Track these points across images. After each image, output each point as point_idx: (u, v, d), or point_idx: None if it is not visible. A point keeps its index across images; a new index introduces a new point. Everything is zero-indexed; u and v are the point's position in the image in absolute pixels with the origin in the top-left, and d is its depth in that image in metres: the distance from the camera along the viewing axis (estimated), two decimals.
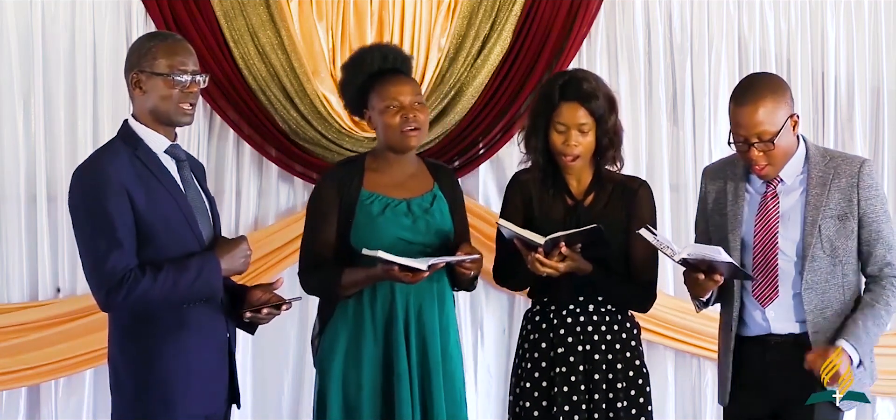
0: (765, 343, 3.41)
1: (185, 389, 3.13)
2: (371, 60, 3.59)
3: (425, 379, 3.49)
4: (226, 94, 4.79)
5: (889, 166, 5.13)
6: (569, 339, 3.50)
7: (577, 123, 3.46)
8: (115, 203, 3.04)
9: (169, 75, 3.13)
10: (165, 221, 3.11)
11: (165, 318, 3.11)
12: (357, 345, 3.49)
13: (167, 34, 3.32)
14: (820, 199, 3.35)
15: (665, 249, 3.29)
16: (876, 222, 3.37)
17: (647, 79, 4.99)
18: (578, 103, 3.46)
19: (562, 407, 3.47)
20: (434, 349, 3.50)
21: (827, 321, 3.36)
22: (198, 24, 4.74)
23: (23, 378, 4.75)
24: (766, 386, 3.40)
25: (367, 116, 3.60)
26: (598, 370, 3.50)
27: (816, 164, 3.39)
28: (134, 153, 3.13)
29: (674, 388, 5.07)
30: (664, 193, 4.98)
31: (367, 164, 3.59)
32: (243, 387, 4.86)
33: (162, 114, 3.17)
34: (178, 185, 3.18)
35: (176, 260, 3.09)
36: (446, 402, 3.51)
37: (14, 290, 4.79)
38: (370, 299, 3.49)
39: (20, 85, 4.76)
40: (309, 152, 4.81)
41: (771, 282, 3.38)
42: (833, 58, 5.05)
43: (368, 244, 3.41)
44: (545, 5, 4.85)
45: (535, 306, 3.60)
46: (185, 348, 3.13)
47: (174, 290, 3.07)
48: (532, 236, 3.38)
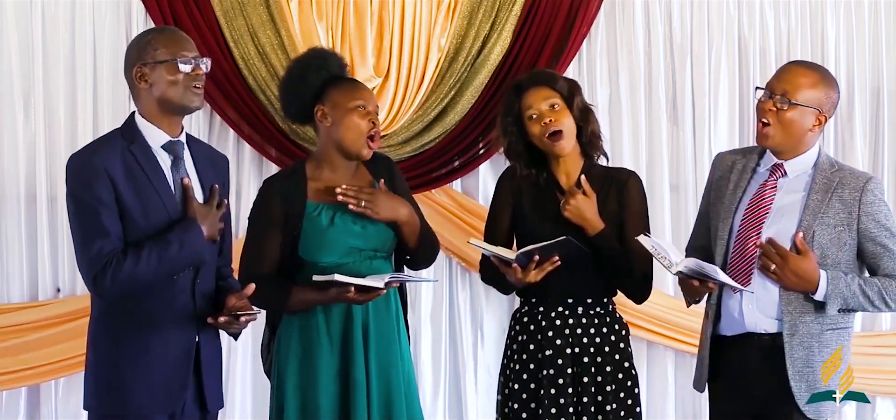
0: (743, 344, 3.40)
1: (139, 389, 3.13)
2: (334, 62, 3.51)
3: (385, 384, 3.41)
4: (226, 94, 4.79)
5: (889, 166, 5.12)
6: (557, 342, 3.50)
7: (546, 101, 3.48)
8: (99, 191, 3.07)
9: (172, 61, 3.15)
10: (146, 216, 3.11)
11: (134, 316, 3.13)
12: (311, 353, 3.40)
13: (163, 27, 3.32)
14: (819, 205, 3.34)
15: (662, 259, 3.28)
16: (880, 237, 3.34)
17: (647, 79, 4.99)
18: (539, 85, 3.51)
19: (548, 409, 3.46)
20: (394, 353, 3.44)
21: (805, 326, 3.34)
22: (198, 24, 4.74)
23: (23, 378, 4.75)
24: (747, 389, 3.40)
25: (320, 118, 3.45)
26: (586, 373, 3.49)
27: (823, 170, 3.37)
28: (128, 147, 3.14)
29: (674, 388, 5.07)
30: (664, 193, 4.98)
31: (308, 172, 3.47)
32: (243, 387, 4.90)
33: (172, 101, 3.17)
34: (167, 183, 3.17)
35: (156, 236, 3.11)
36: (406, 405, 3.45)
37: (14, 290, 4.79)
38: (324, 307, 3.39)
39: (20, 85, 4.76)
40: (308, 152, 4.79)
41: (746, 269, 3.36)
42: (833, 58, 5.05)
43: (319, 255, 3.38)
44: (545, 5, 4.85)
45: (523, 307, 3.60)
46: (147, 350, 3.13)
47: (160, 265, 3.09)
48: (503, 253, 3.40)
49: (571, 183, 3.53)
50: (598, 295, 3.53)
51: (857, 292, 3.33)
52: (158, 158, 3.18)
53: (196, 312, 3.20)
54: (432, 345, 4.98)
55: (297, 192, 3.42)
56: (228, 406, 4.88)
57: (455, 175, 4.92)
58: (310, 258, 3.40)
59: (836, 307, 3.33)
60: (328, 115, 3.44)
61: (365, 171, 3.52)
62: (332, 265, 3.38)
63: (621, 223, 3.52)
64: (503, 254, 3.39)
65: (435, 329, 4.97)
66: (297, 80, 3.49)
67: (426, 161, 4.85)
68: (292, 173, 3.49)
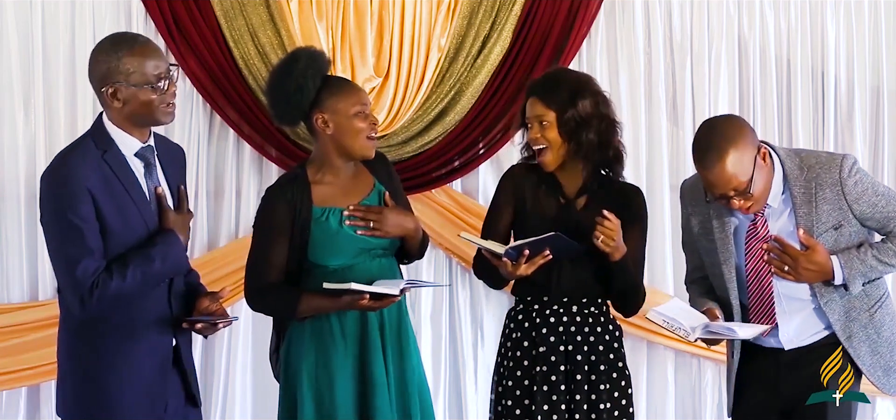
0: (777, 352, 3.37)
1: (122, 399, 3.11)
2: (322, 63, 3.45)
3: (401, 384, 3.42)
4: (226, 94, 4.79)
5: (889, 166, 5.12)
6: (551, 339, 3.50)
7: (535, 115, 3.49)
8: (82, 209, 3.03)
9: (147, 85, 3.10)
10: (127, 229, 3.09)
11: (113, 325, 3.10)
12: (327, 355, 3.39)
13: (131, 39, 3.19)
14: (809, 217, 3.27)
15: (677, 331, 3.23)
16: (879, 211, 3.29)
17: (647, 79, 4.99)
18: (535, 97, 3.50)
19: (541, 406, 3.46)
20: (409, 353, 3.45)
21: (856, 322, 3.32)
22: (198, 24, 4.74)
23: (23, 378, 4.75)
24: (777, 386, 3.37)
25: (320, 125, 3.41)
26: (580, 371, 3.49)
27: (796, 180, 3.29)
28: (103, 156, 3.10)
29: (674, 388, 5.07)
30: (664, 193, 4.98)
31: (310, 176, 3.45)
32: (243, 387, 4.91)
33: (145, 118, 3.14)
34: (143, 193, 3.14)
35: (139, 250, 3.08)
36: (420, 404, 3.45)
37: (14, 290, 4.79)
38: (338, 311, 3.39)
39: (20, 85, 4.76)
40: (309, 152, 4.79)
41: (767, 308, 3.33)
42: (833, 58, 5.05)
43: (330, 259, 3.38)
44: (545, 5, 4.85)
45: (518, 305, 3.60)
46: (128, 359, 3.12)
47: (144, 281, 3.08)
48: (494, 246, 3.40)
49: (573, 189, 3.53)
50: (593, 294, 3.54)
51: (871, 262, 3.28)
52: (132, 166, 3.14)
53: (173, 316, 3.19)
54: (432, 345, 4.98)
55: (303, 199, 3.41)
56: (228, 406, 4.89)
57: (455, 175, 4.92)
58: (320, 262, 3.40)
59: (859, 285, 3.29)
60: (329, 122, 3.41)
61: (365, 170, 3.52)
62: (341, 267, 3.38)
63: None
64: (493, 248, 3.40)
65: (435, 329, 4.97)
66: (295, 91, 3.40)
67: (426, 161, 4.85)
68: (294, 179, 3.46)
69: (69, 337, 3.17)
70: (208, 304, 3.20)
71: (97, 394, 3.12)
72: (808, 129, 5.04)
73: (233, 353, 4.87)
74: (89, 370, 3.12)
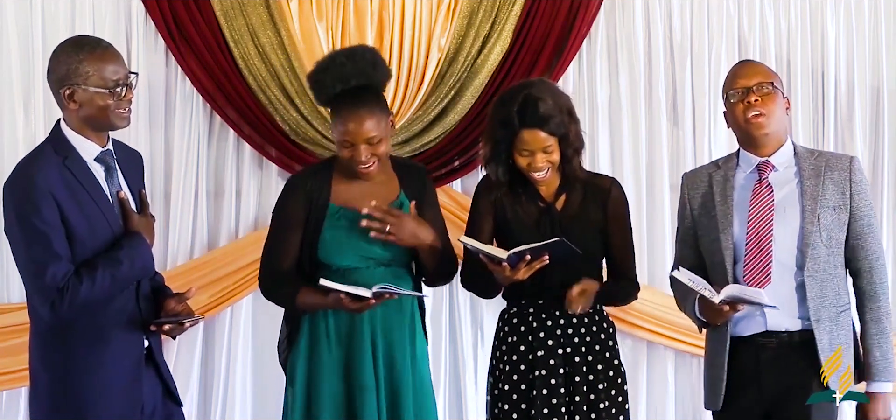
0: (758, 343, 3.41)
1: (98, 402, 3.11)
2: (330, 83, 3.42)
3: (392, 388, 3.43)
4: (226, 94, 4.79)
5: (889, 166, 5.12)
6: (549, 342, 3.51)
7: (540, 147, 3.45)
8: (47, 214, 3.03)
9: (104, 89, 3.10)
10: (93, 234, 3.09)
11: (84, 330, 3.10)
12: (316, 352, 3.43)
13: (94, 42, 3.18)
14: (816, 189, 3.39)
15: (703, 291, 3.29)
16: (867, 216, 3.43)
17: (647, 79, 4.99)
18: (538, 128, 3.44)
19: (541, 410, 3.46)
20: (402, 358, 3.45)
21: (826, 310, 3.38)
22: (198, 24, 4.74)
23: (23, 378, 4.72)
24: (760, 385, 3.40)
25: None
26: (578, 372, 3.50)
27: (805, 158, 3.45)
28: (63, 162, 3.09)
29: (674, 388, 5.07)
30: (664, 193, 4.98)
31: (336, 170, 3.48)
32: (243, 387, 4.90)
33: (100, 122, 3.14)
34: (106, 197, 3.15)
35: (106, 254, 3.09)
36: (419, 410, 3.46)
37: (14, 290, 4.79)
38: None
39: (20, 85, 4.76)
40: (309, 152, 4.80)
41: (764, 267, 3.38)
42: (833, 58, 5.05)
43: (336, 258, 3.40)
44: (545, 5, 4.85)
45: (511, 307, 3.60)
46: (102, 363, 3.11)
47: (114, 284, 3.08)
48: (495, 251, 3.40)
49: (551, 192, 3.54)
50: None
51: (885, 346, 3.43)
52: (93, 171, 3.14)
53: (142, 318, 3.19)
54: (432, 345, 4.94)
55: (322, 192, 3.44)
56: (228, 406, 4.88)
57: (455, 175, 4.92)
58: (326, 259, 3.42)
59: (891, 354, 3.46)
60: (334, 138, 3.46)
61: (393, 175, 3.52)
62: (346, 268, 3.40)
63: (604, 231, 3.55)
64: (495, 253, 3.39)
65: (435, 329, 4.97)
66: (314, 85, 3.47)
67: (426, 161, 4.85)
68: (319, 171, 3.51)
69: (40, 344, 3.15)
70: (174, 305, 3.20)
71: (73, 401, 3.10)
72: (808, 129, 5.04)
73: (233, 353, 4.87)
74: (64, 377, 3.11)
